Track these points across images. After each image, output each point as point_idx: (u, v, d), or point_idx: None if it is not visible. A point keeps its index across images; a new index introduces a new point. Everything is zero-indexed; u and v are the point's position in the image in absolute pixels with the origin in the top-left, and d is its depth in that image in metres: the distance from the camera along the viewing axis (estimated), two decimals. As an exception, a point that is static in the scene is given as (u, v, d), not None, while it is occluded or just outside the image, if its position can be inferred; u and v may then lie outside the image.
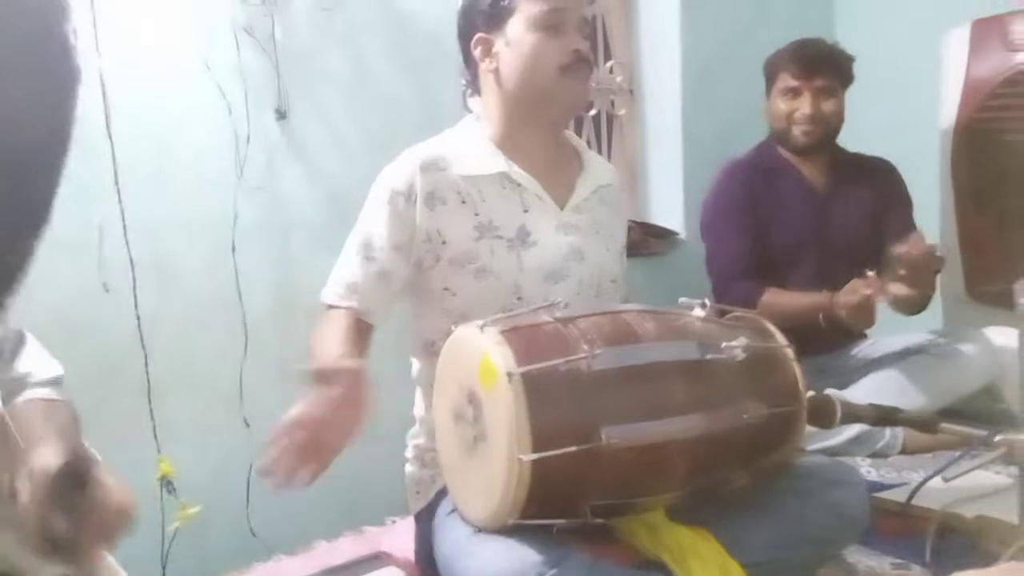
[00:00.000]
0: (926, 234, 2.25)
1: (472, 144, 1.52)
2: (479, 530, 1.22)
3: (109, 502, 0.90)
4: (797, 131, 2.28)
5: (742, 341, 1.24)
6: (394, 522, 1.95)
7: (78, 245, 1.86)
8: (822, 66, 2.26)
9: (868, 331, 2.35)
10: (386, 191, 1.48)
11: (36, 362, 1.05)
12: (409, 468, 1.55)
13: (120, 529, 0.92)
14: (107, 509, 0.90)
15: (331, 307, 1.48)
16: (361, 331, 1.46)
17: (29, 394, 1.01)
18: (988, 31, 2.46)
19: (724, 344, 1.24)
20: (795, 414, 1.30)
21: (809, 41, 2.31)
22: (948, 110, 2.50)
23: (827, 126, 2.28)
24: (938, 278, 2.00)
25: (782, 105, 2.30)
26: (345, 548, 1.93)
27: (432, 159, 1.48)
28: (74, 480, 0.88)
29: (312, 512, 1.96)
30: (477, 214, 1.47)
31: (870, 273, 1.89)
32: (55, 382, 1.06)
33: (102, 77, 1.87)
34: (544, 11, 1.46)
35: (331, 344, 1.37)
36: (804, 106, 2.26)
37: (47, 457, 0.89)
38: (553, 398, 1.14)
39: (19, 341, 1.05)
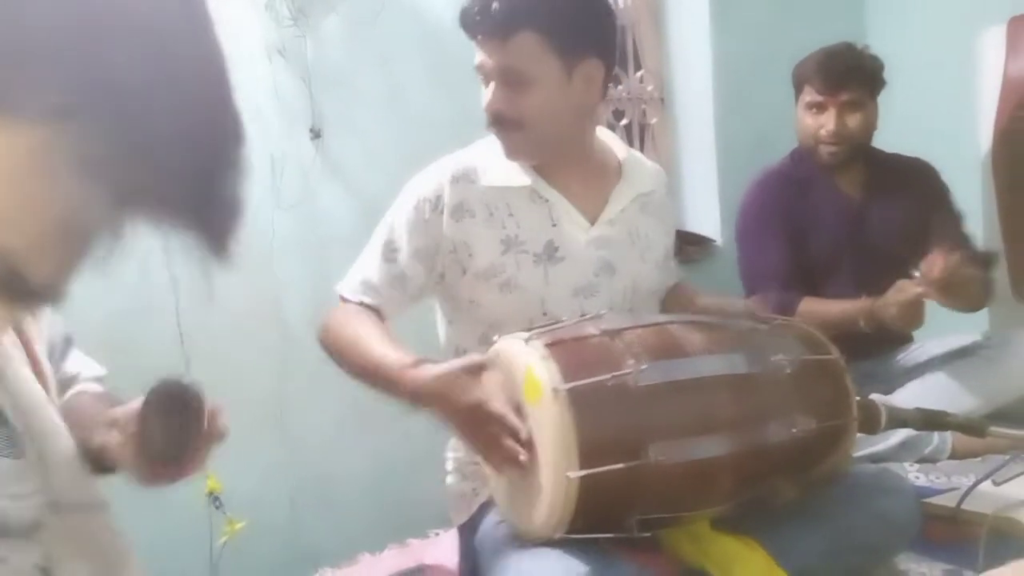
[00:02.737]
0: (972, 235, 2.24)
1: (502, 156, 1.51)
2: (524, 542, 1.21)
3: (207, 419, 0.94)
4: (823, 150, 2.25)
5: (790, 354, 1.23)
6: (437, 535, 1.96)
7: (121, 263, 1.89)
8: (847, 79, 2.20)
9: (913, 335, 2.32)
10: (414, 198, 1.48)
11: (83, 363, 1.09)
12: (450, 481, 1.55)
13: (218, 437, 0.97)
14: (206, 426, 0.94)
15: (343, 299, 1.50)
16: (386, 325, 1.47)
17: (78, 387, 1.05)
18: (1026, 28, 2.42)
19: (772, 357, 1.23)
20: (845, 427, 1.28)
21: (835, 52, 2.25)
22: (986, 110, 2.46)
23: (852, 142, 2.24)
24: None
25: (808, 120, 2.26)
26: (389, 561, 1.94)
27: (462, 170, 1.48)
28: (175, 401, 0.92)
29: (356, 525, 1.98)
30: (504, 227, 1.46)
31: (916, 273, 1.86)
32: (100, 380, 1.11)
33: (142, 101, 1.91)
34: (475, 65, 1.45)
35: (394, 349, 1.36)
36: (829, 123, 2.21)
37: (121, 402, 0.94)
38: (600, 414, 1.14)
39: (67, 344, 1.09)
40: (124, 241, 0.36)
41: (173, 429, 0.92)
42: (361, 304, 1.48)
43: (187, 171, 0.35)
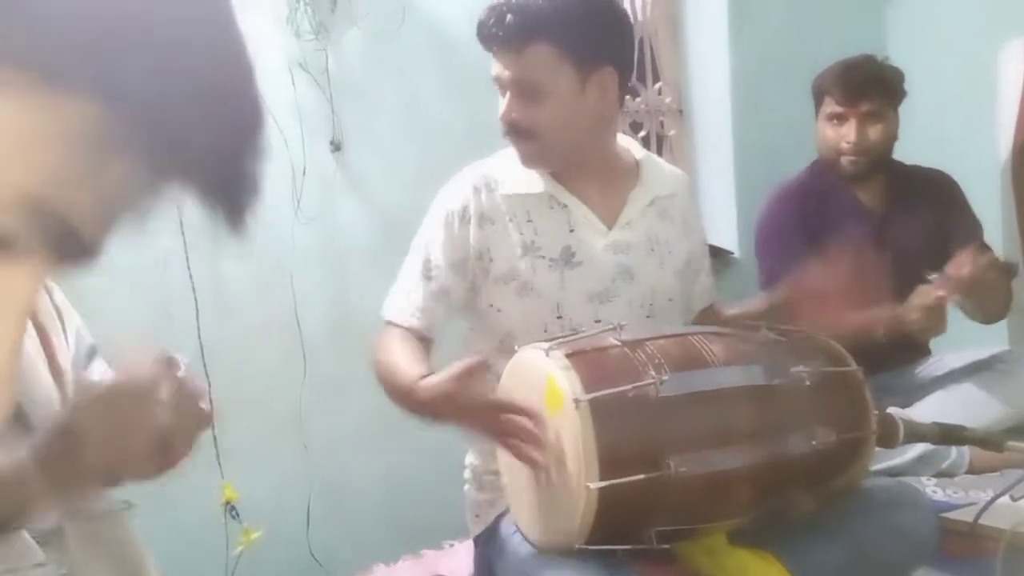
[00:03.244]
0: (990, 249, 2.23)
1: (521, 164, 1.53)
2: (542, 553, 1.22)
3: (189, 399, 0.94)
4: (845, 161, 2.24)
5: (810, 366, 1.23)
6: (452, 545, 1.96)
7: (142, 274, 1.92)
8: (868, 90, 2.19)
9: (931, 348, 2.30)
10: (442, 212, 1.51)
11: (106, 372, 1.12)
12: (467, 490, 1.56)
13: (199, 427, 0.97)
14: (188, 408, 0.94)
15: (390, 323, 1.50)
16: (426, 349, 1.48)
17: None
18: (1046, 41, 2.41)
19: (792, 369, 1.23)
20: (864, 439, 1.28)
21: (855, 62, 2.24)
22: (1005, 122, 2.45)
23: (873, 153, 2.23)
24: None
25: (829, 132, 2.26)
26: (404, 572, 1.94)
27: (483, 180, 1.51)
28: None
29: (371, 535, 1.99)
30: (522, 233, 1.48)
31: (934, 276, 1.86)
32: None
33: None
34: (492, 77, 1.48)
35: (414, 366, 1.37)
36: (850, 134, 2.21)
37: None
38: (620, 425, 1.14)
39: (91, 354, 1.12)
40: (160, 203, 0.43)
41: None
42: (408, 327, 1.48)
43: (216, 149, 0.41)
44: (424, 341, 1.48)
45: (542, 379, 1.18)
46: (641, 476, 1.10)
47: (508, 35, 1.41)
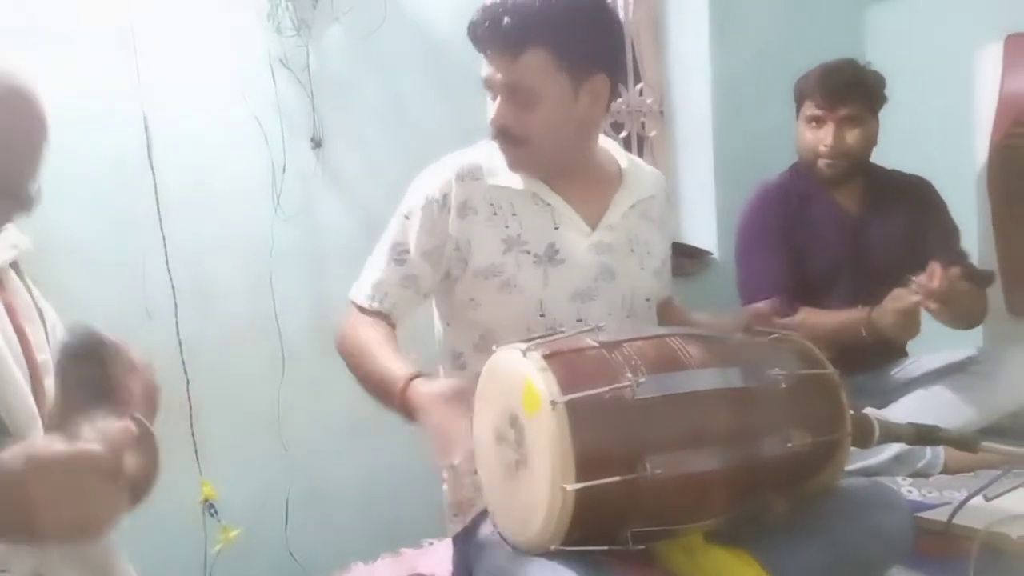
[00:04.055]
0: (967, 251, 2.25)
1: (508, 167, 1.52)
2: (519, 553, 1.22)
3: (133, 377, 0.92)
4: (822, 164, 2.26)
5: (786, 368, 1.24)
6: (431, 544, 1.96)
7: (121, 271, 1.91)
8: (847, 94, 2.21)
9: (908, 350, 2.33)
10: (421, 197, 1.49)
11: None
12: (446, 489, 1.56)
13: (151, 403, 0.95)
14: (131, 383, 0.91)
15: (355, 305, 1.50)
16: (393, 334, 1.48)
17: None
18: (1023, 47, 2.44)
19: (768, 371, 1.24)
20: (839, 441, 1.29)
21: (835, 66, 2.26)
22: (983, 127, 2.47)
23: (851, 157, 2.25)
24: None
25: (808, 134, 2.27)
26: (383, 570, 1.94)
27: (468, 168, 1.49)
28: (83, 360, 0.89)
29: (350, 534, 1.98)
30: (507, 227, 1.47)
31: (914, 279, 1.88)
32: None
33: (144, 110, 1.93)
34: (481, 78, 1.46)
35: (398, 362, 1.37)
36: (827, 137, 2.22)
37: None
38: (597, 427, 1.14)
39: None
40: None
41: (94, 375, 0.88)
42: (372, 309, 1.48)
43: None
44: (390, 326, 1.48)
45: (520, 380, 1.18)
46: (617, 478, 1.11)
47: (504, 39, 1.39)
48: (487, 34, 1.41)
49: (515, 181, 1.50)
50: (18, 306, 1.10)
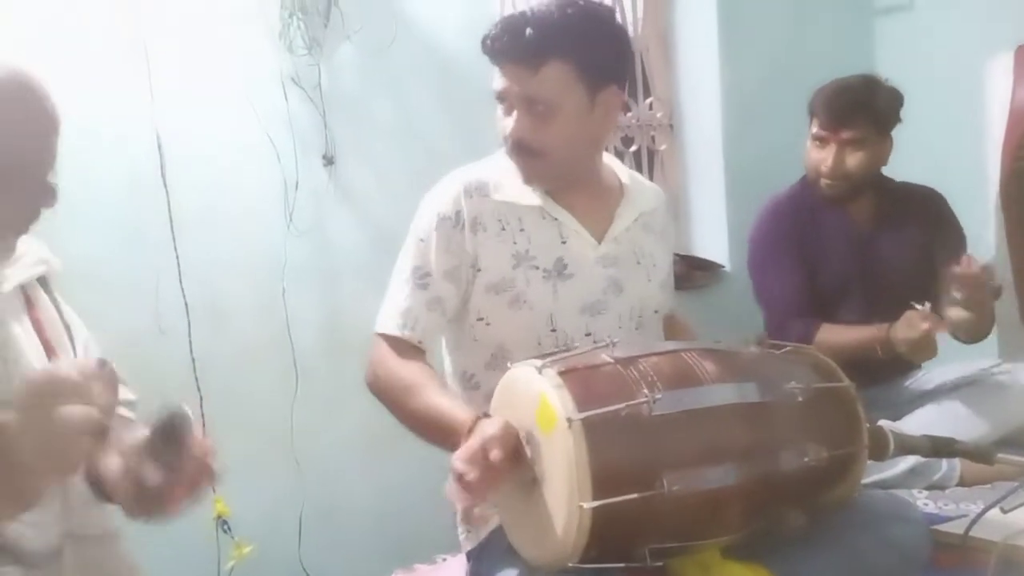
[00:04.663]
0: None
1: (513, 172, 1.51)
2: (535, 571, 1.21)
3: (200, 457, 0.96)
4: (823, 183, 2.25)
5: (802, 381, 1.24)
6: (445, 560, 1.95)
7: (135, 289, 1.92)
8: (851, 118, 2.17)
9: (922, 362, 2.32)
10: (433, 217, 1.48)
11: None
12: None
13: (206, 483, 0.99)
14: (198, 463, 0.96)
15: (384, 336, 1.46)
16: (433, 370, 1.45)
17: None
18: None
19: (784, 385, 1.23)
20: (856, 455, 1.28)
21: (846, 86, 2.22)
22: (994, 138, 2.47)
23: (852, 180, 2.22)
24: (995, 307, 1.97)
25: (813, 152, 2.26)
26: (396, 586, 1.93)
27: (475, 184, 1.49)
28: (171, 435, 0.94)
29: (363, 550, 1.98)
30: (515, 242, 1.47)
31: (919, 306, 1.88)
32: (130, 404, 1.19)
33: (157, 129, 1.95)
34: (494, 91, 1.47)
35: (455, 401, 1.35)
36: (827, 159, 2.20)
37: (137, 430, 0.97)
38: (614, 444, 1.13)
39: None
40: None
41: (169, 465, 0.94)
42: (404, 337, 1.45)
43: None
44: (421, 355, 1.46)
45: (535, 398, 1.18)
46: (635, 495, 1.10)
47: (525, 51, 1.39)
48: (507, 47, 1.41)
49: (522, 196, 1.49)
50: (46, 322, 1.11)
